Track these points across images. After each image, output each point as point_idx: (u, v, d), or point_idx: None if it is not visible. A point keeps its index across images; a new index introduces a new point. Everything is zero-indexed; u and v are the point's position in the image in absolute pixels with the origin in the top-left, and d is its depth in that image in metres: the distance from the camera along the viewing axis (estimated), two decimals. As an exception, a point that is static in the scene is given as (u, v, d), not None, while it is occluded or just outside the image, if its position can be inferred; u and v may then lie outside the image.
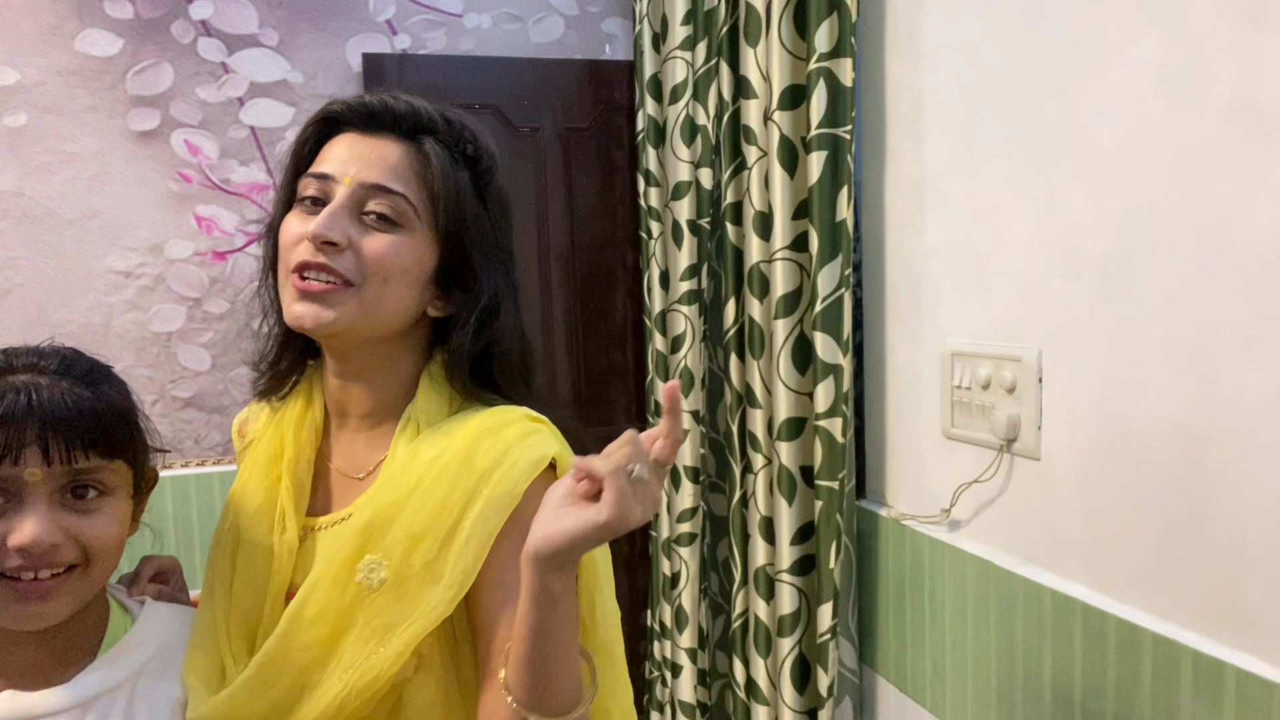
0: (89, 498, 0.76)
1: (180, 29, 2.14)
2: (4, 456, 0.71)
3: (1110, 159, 1.11)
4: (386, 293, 0.81)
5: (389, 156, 0.82)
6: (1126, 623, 1.09)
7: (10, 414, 0.71)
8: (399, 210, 0.81)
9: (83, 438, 0.74)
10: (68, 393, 0.74)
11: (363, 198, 0.81)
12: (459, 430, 0.83)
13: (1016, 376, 1.26)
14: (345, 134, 0.85)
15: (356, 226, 0.81)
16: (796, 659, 1.67)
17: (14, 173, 2.07)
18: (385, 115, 0.84)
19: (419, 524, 0.78)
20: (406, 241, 0.82)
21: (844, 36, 1.49)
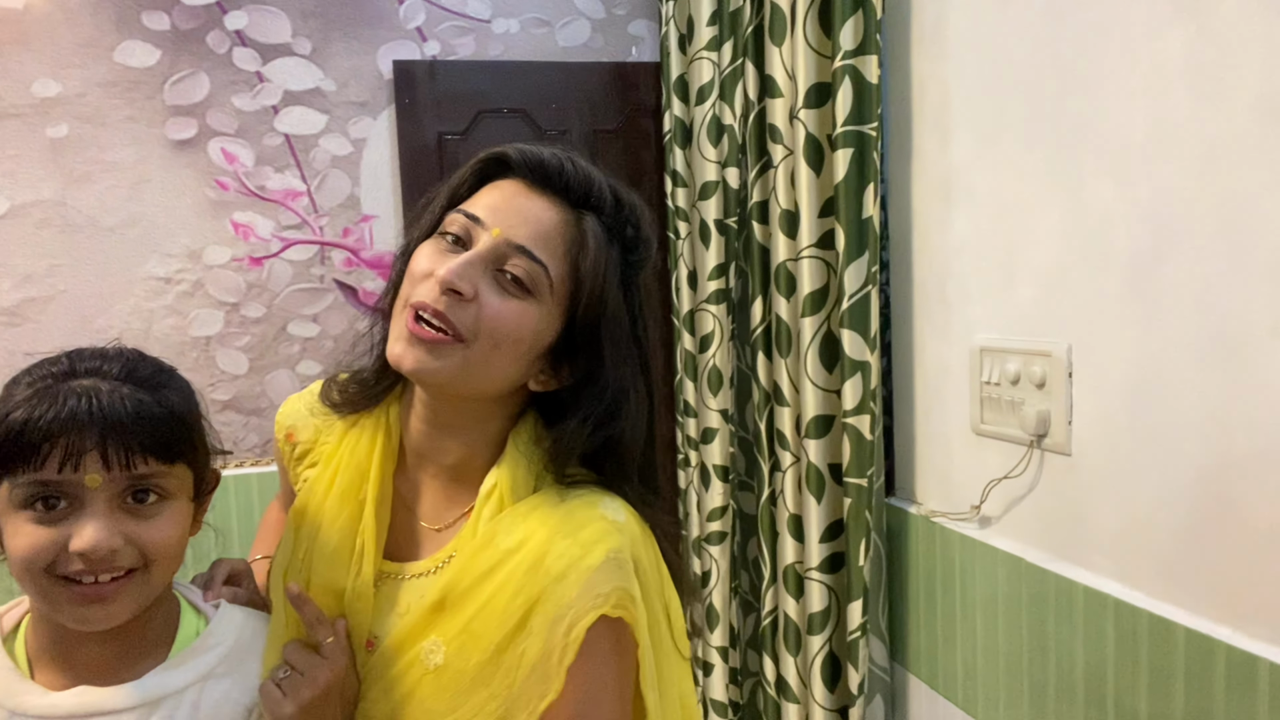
0: (149, 502, 0.76)
1: (216, 39, 2.19)
2: (65, 463, 0.71)
3: (1137, 152, 1.10)
4: (494, 358, 0.77)
5: (545, 221, 0.78)
6: (1159, 618, 1.08)
7: (72, 420, 0.71)
8: (534, 279, 0.77)
9: (142, 443, 0.74)
10: (129, 398, 0.74)
11: (504, 254, 0.77)
12: (541, 524, 0.78)
13: (1046, 371, 1.26)
14: (510, 180, 0.80)
15: (488, 281, 0.77)
16: (827, 657, 1.67)
17: (56, 182, 2.12)
18: (557, 174, 0.79)
19: (480, 621, 0.77)
20: (532, 311, 0.78)
21: (869, 33, 1.49)
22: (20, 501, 0.72)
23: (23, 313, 2.13)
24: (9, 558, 0.74)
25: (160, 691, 0.79)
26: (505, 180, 0.81)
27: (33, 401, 0.72)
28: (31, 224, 2.12)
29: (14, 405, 0.73)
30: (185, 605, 0.87)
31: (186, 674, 0.81)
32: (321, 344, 2.30)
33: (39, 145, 2.11)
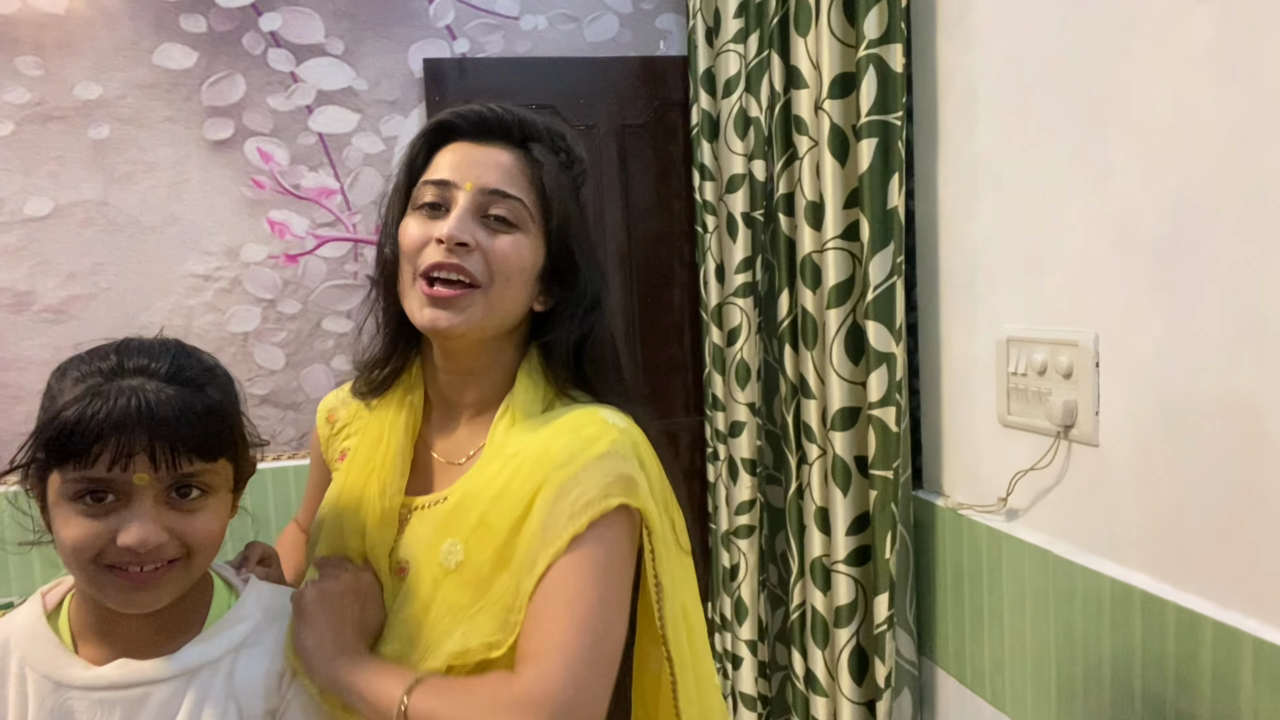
0: (193, 497, 0.80)
1: (251, 41, 2.23)
2: (115, 463, 0.74)
3: (1163, 137, 1.08)
4: (508, 291, 0.86)
5: (503, 162, 0.87)
6: (1186, 610, 1.06)
7: (122, 421, 0.74)
8: (517, 213, 0.87)
9: (188, 444, 0.77)
10: (175, 399, 0.77)
11: (484, 202, 0.86)
12: (544, 428, 0.87)
13: (1073, 361, 1.24)
14: (458, 142, 0.89)
15: (481, 229, 0.86)
16: (854, 650, 1.67)
17: (99, 183, 2.18)
18: (496, 124, 0.89)
19: (494, 512, 0.83)
20: (524, 240, 0.87)
21: (894, 21, 1.48)
22: (70, 494, 0.76)
23: (68, 310, 2.19)
24: (59, 544, 0.78)
25: (197, 661, 0.83)
26: (453, 143, 0.89)
27: (84, 400, 0.75)
28: (75, 223, 2.18)
29: (65, 403, 0.76)
30: (218, 582, 0.91)
31: (221, 645, 0.84)
32: (355, 339, 2.33)
33: (82, 147, 2.17)
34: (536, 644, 0.77)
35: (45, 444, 0.75)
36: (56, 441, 0.74)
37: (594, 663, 0.77)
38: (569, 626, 0.77)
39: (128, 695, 0.80)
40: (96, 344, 0.84)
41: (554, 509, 0.80)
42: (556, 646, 0.76)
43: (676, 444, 2.49)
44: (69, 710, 0.80)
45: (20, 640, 0.82)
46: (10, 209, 2.15)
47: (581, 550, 0.79)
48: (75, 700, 0.80)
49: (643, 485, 0.83)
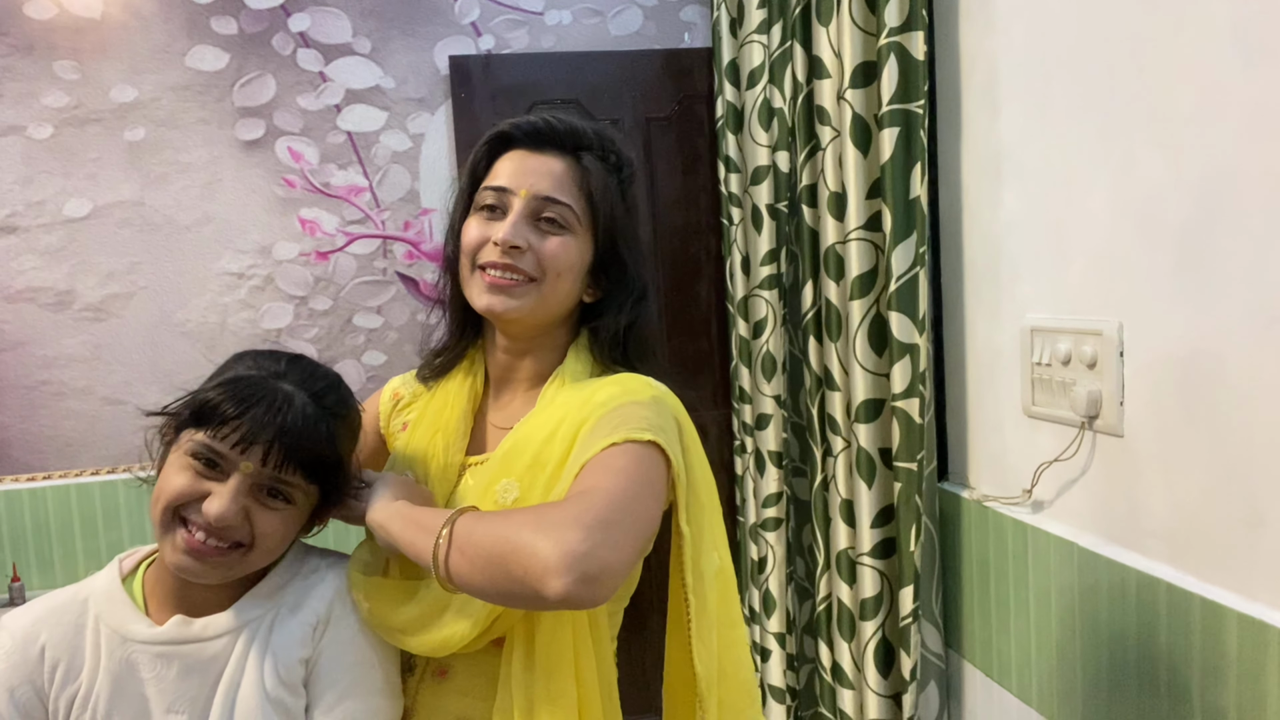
0: (276, 500, 0.89)
1: (281, 41, 2.26)
2: (237, 443, 0.85)
3: (1186, 121, 1.06)
4: (559, 285, 0.95)
5: (555, 171, 0.96)
6: (1211, 603, 1.04)
7: (261, 415, 0.85)
8: (565, 217, 0.95)
9: (298, 458, 0.88)
10: (311, 417, 0.88)
11: (537, 208, 0.95)
12: (591, 383, 0.96)
13: (1097, 351, 1.22)
14: (515, 150, 0.98)
15: (533, 231, 0.95)
16: (880, 643, 1.66)
17: (135, 184, 2.23)
18: (549, 134, 0.97)
19: (546, 451, 0.90)
20: (572, 242, 0.96)
21: (915, 9, 1.47)
22: (191, 450, 0.87)
23: (107, 308, 2.24)
24: (159, 486, 0.88)
25: (242, 620, 0.92)
26: (511, 151, 0.98)
27: (243, 383, 0.87)
28: (113, 224, 2.23)
29: (229, 379, 0.88)
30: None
31: (264, 604, 0.93)
32: (385, 335, 2.36)
33: (118, 149, 2.22)
34: (577, 489, 0.81)
35: (197, 403, 0.87)
36: (207, 404, 0.86)
37: (629, 515, 0.78)
38: (610, 483, 0.80)
39: (184, 650, 0.90)
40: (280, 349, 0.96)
41: (594, 431, 0.87)
42: (598, 489, 0.79)
43: (705, 437, 2.46)
44: (134, 662, 0.90)
45: (98, 599, 0.93)
46: (51, 210, 2.20)
47: (618, 449, 0.83)
48: (139, 653, 0.90)
49: (675, 441, 0.89)
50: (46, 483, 2.22)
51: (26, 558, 2.21)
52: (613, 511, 0.76)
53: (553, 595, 0.71)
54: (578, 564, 0.70)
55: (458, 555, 0.77)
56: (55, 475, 2.24)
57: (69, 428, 2.24)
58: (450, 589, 0.80)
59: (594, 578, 0.71)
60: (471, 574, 0.77)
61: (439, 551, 0.78)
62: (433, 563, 0.79)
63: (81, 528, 2.22)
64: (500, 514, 0.81)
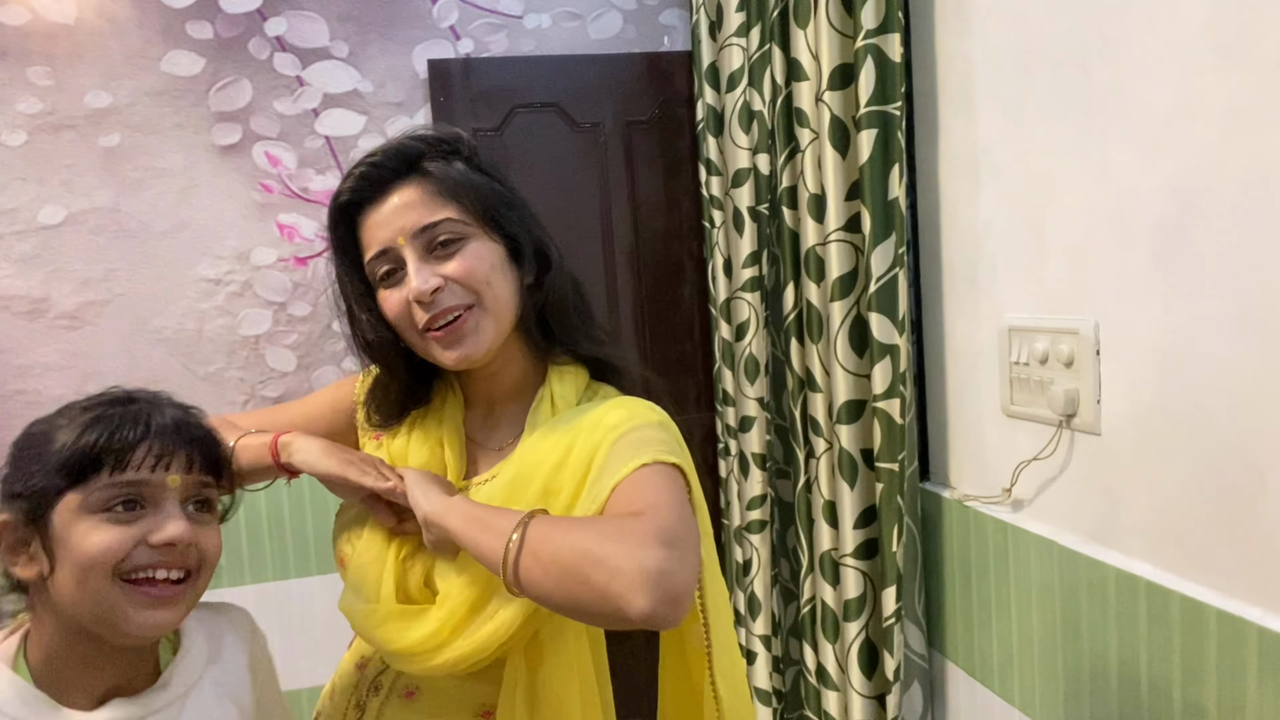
0: (203, 513, 0.85)
1: (257, 46, 2.25)
2: (157, 464, 0.79)
3: (1161, 121, 1.07)
4: (495, 292, 0.92)
5: (408, 200, 0.92)
6: (1190, 600, 1.05)
7: (161, 430, 0.80)
8: (453, 230, 0.91)
9: (205, 457, 0.84)
10: (192, 422, 0.85)
11: (423, 243, 0.91)
12: (595, 408, 0.93)
13: (1074, 350, 1.23)
14: (366, 209, 0.94)
15: (437, 264, 0.90)
16: (863, 644, 1.66)
17: (111, 190, 2.21)
18: (378, 174, 0.93)
19: (558, 478, 0.88)
20: (475, 246, 0.92)
21: (891, 11, 1.47)
22: (98, 505, 0.77)
23: (82, 316, 2.22)
24: (74, 562, 0.77)
25: (184, 682, 0.85)
26: (362, 214, 0.94)
27: (108, 421, 0.79)
28: (88, 231, 2.20)
29: (84, 429, 0.78)
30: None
31: (197, 662, 0.87)
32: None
33: (93, 155, 2.19)
34: (630, 506, 0.78)
35: (69, 463, 0.77)
36: (89, 455, 0.77)
37: (692, 535, 0.77)
38: (664, 502, 0.78)
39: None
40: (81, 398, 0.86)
41: (614, 453, 0.84)
42: (660, 506, 0.77)
43: (689, 440, 2.47)
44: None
45: (8, 702, 0.79)
46: (25, 217, 2.18)
47: (651, 470, 0.82)
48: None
49: (691, 464, 0.90)
50: None
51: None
52: (681, 530, 0.75)
53: (636, 613, 0.68)
54: (661, 582, 0.69)
55: (530, 560, 0.74)
56: None
57: (45, 437, 2.21)
58: (515, 592, 0.77)
59: (676, 598, 0.70)
60: (544, 580, 0.73)
61: (509, 554, 0.75)
62: (501, 565, 0.76)
63: (58, 538, 2.19)
64: (575, 522, 0.78)
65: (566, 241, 2.31)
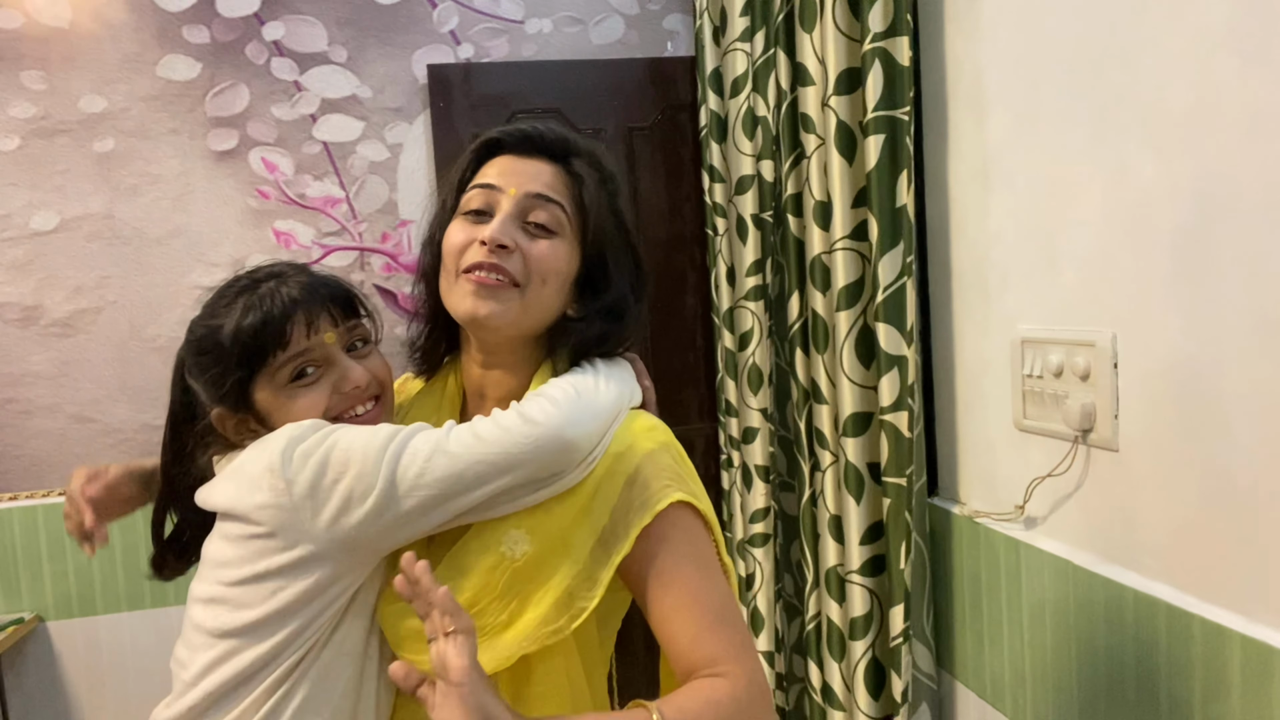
0: (364, 348, 0.94)
1: (254, 50, 2.22)
2: (309, 332, 0.88)
3: (1180, 126, 1.03)
4: (544, 293, 0.90)
5: (545, 173, 0.92)
6: (1213, 624, 1.00)
7: (296, 299, 0.88)
8: (556, 219, 0.91)
9: (343, 304, 0.92)
10: (313, 280, 0.92)
11: (527, 207, 0.90)
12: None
13: (1090, 362, 1.18)
14: (504, 155, 0.94)
15: (521, 233, 0.89)
16: (870, 663, 1.61)
17: (104, 196, 2.17)
18: (539, 140, 0.94)
19: (578, 534, 0.85)
20: (561, 246, 0.91)
21: (899, 14, 1.43)
22: (285, 380, 0.88)
23: (75, 323, 2.18)
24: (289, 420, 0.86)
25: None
26: (499, 156, 0.94)
27: (255, 307, 0.87)
28: (81, 237, 2.17)
29: (239, 318, 0.87)
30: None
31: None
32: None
33: (87, 160, 2.16)
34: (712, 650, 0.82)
35: (241, 357, 0.86)
36: (254, 344, 0.86)
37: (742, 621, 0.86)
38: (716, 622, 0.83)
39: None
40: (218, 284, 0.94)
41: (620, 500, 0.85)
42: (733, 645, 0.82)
43: (692, 451, 2.44)
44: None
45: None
46: (17, 223, 2.15)
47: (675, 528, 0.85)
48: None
49: (695, 478, 0.90)
50: (13, 504, 2.16)
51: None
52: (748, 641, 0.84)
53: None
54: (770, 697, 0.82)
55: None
56: (21, 496, 2.18)
57: (36, 447, 2.18)
58: None
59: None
60: None
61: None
62: None
63: (49, 549, 2.15)
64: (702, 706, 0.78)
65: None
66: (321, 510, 0.80)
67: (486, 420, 0.84)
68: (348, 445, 0.82)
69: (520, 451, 0.81)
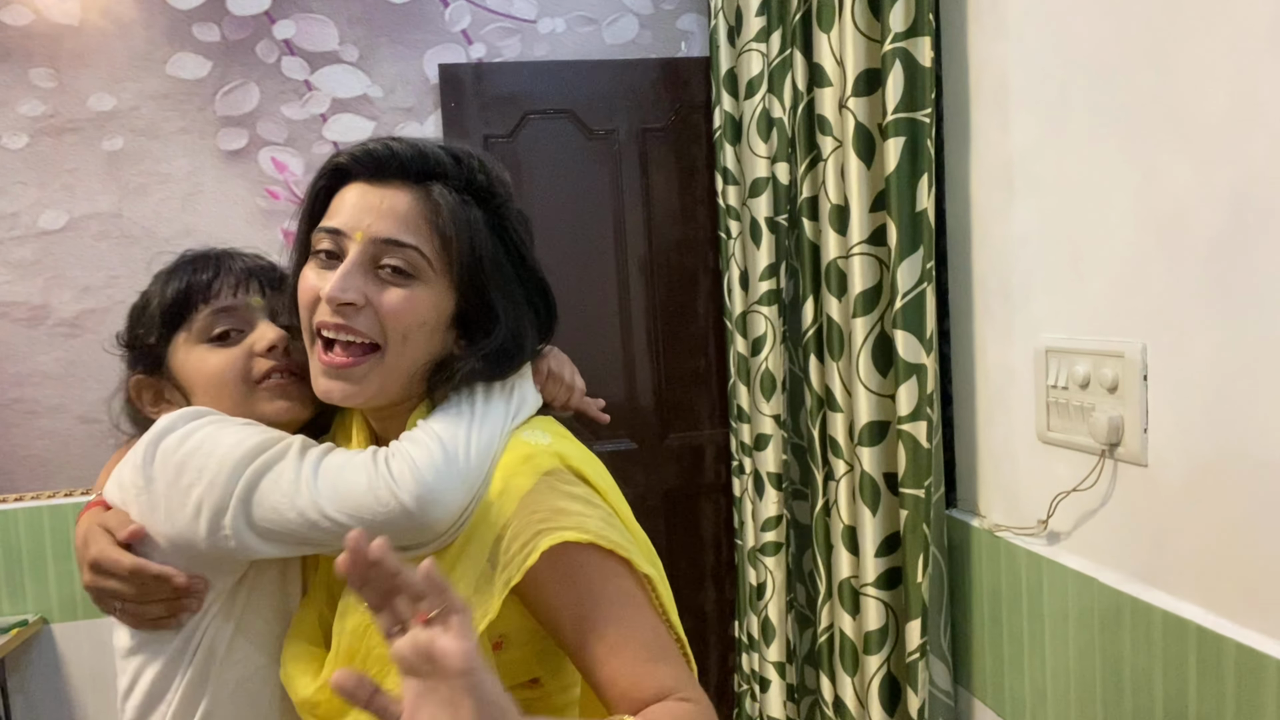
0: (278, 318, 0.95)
1: (265, 49, 2.20)
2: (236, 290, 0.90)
3: (1217, 130, 0.99)
4: (407, 350, 0.81)
5: (399, 207, 0.80)
6: (1247, 648, 0.96)
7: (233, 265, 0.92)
8: (413, 263, 0.80)
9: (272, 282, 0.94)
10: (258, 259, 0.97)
11: (376, 253, 0.79)
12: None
13: (1119, 374, 1.14)
14: (355, 184, 0.82)
15: (372, 282, 0.79)
16: (885, 678, 1.58)
17: (113, 195, 2.16)
18: (392, 162, 0.81)
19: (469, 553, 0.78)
20: (423, 293, 0.80)
21: (921, 13, 1.40)
22: (202, 334, 0.88)
23: (82, 323, 2.16)
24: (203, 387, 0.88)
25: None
26: (349, 185, 0.83)
27: (188, 268, 0.91)
28: (90, 236, 2.16)
29: (170, 276, 0.91)
30: None
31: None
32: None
33: (96, 158, 2.15)
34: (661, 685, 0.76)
35: (166, 313, 0.89)
36: (181, 298, 0.89)
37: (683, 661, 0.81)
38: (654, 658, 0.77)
39: None
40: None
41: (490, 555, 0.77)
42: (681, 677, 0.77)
43: (701, 456, 2.41)
44: None
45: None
46: (25, 222, 2.13)
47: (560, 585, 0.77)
48: None
49: (575, 510, 0.79)
50: (18, 504, 2.14)
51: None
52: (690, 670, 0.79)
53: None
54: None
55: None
56: (27, 496, 2.16)
57: (42, 447, 2.16)
58: None
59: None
60: None
61: None
62: None
63: (54, 551, 2.13)
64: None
65: (578, 251, 2.24)
66: (175, 515, 0.76)
67: (358, 464, 0.76)
68: (210, 450, 0.77)
69: (376, 520, 0.73)
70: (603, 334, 2.34)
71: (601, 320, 2.33)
